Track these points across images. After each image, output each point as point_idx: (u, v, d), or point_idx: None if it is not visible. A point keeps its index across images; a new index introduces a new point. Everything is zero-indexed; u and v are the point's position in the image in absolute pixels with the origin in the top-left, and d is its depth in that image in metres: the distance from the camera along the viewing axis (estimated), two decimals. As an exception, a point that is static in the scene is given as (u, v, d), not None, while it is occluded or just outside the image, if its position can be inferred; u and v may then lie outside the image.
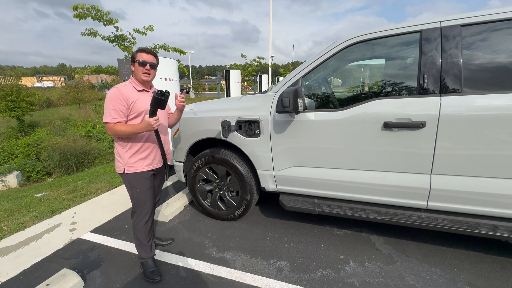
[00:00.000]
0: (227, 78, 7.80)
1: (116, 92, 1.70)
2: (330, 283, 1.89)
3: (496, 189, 1.76)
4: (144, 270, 1.97)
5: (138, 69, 1.77)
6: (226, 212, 2.67)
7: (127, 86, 1.76)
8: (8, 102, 10.16)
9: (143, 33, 5.00)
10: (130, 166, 1.81)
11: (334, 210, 2.19)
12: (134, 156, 1.82)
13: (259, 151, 2.33)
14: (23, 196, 3.84)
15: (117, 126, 1.70)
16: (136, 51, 1.80)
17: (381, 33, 1.95)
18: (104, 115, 1.72)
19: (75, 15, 4.27)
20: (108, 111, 1.70)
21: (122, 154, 1.81)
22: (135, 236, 1.97)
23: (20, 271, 2.04)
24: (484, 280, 1.89)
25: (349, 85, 6.38)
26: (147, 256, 1.98)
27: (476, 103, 1.70)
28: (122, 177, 1.86)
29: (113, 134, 1.74)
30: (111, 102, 1.69)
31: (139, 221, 1.92)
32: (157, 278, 1.92)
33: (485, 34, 1.72)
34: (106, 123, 1.71)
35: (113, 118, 1.70)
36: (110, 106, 1.69)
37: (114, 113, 1.70)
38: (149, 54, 1.79)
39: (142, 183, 1.86)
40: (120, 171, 1.84)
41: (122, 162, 1.82)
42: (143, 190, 1.87)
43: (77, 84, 21.95)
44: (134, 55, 1.79)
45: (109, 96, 1.70)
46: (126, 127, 1.71)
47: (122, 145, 1.81)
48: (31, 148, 7.12)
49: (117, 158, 1.85)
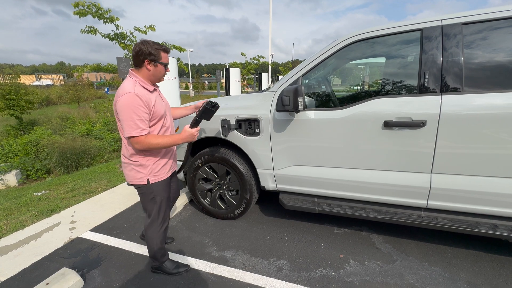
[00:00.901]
0: (227, 77, 7.78)
1: (135, 99, 1.45)
2: (330, 282, 1.89)
3: (497, 188, 1.76)
4: (168, 271, 1.93)
5: (161, 71, 1.60)
6: (226, 211, 2.67)
7: (140, 89, 1.52)
8: (7, 101, 10.13)
9: (144, 32, 4.98)
10: (155, 175, 1.66)
11: (334, 209, 2.19)
12: (157, 163, 1.66)
13: (259, 150, 2.32)
14: (22, 195, 3.84)
15: (150, 138, 1.51)
16: (157, 49, 1.54)
17: (382, 31, 1.94)
18: (127, 127, 1.47)
19: (76, 12, 4.25)
20: (133, 122, 1.46)
21: (145, 162, 1.62)
22: (152, 244, 1.84)
23: (19, 270, 2.04)
24: (483, 279, 1.89)
25: (350, 83, 6.37)
26: (165, 258, 1.95)
27: (477, 102, 1.70)
28: (142, 189, 1.68)
29: (145, 147, 1.53)
30: (133, 111, 1.45)
31: (159, 229, 1.82)
32: (187, 268, 1.97)
33: (486, 32, 1.71)
34: (135, 137, 1.49)
35: (142, 130, 1.48)
36: (134, 116, 1.45)
37: (141, 124, 1.47)
38: (168, 54, 1.64)
39: (166, 191, 1.76)
40: (143, 183, 1.64)
41: (144, 172, 1.63)
42: (166, 197, 1.77)
43: (76, 83, 21.88)
44: (156, 55, 1.54)
45: (128, 104, 1.45)
46: (162, 139, 1.54)
47: (143, 155, 1.62)
48: (30, 147, 7.11)
49: (136, 168, 1.63)
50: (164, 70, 1.62)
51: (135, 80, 1.55)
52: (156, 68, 1.57)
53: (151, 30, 5.06)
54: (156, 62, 1.56)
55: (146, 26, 4.98)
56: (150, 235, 1.83)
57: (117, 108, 1.49)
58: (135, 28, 4.91)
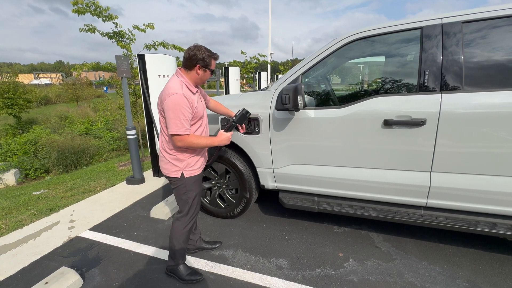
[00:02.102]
0: (226, 76, 7.75)
1: (183, 99, 1.55)
2: (330, 280, 1.89)
3: (496, 187, 1.76)
4: (181, 277, 1.88)
5: (207, 76, 1.69)
6: (226, 210, 2.67)
7: (186, 91, 1.61)
8: (5, 100, 10.10)
9: (143, 30, 4.95)
10: (191, 170, 1.75)
11: (334, 207, 2.19)
12: (192, 158, 1.75)
13: (259, 149, 2.32)
14: (21, 194, 3.83)
15: (192, 138, 1.61)
16: (209, 56, 1.63)
17: (381, 30, 1.94)
18: (173, 125, 1.56)
19: (74, 10, 4.22)
20: (179, 121, 1.55)
21: (182, 157, 1.71)
22: (174, 242, 1.86)
23: (18, 269, 2.03)
24: (482, 277, 1.90)
25: (349, 82, 6.37)
26: (182, 260, 1.93)
27: (476, 100, 1.70)
28: (177, 182, 1.76)
29: (187, 145, 1.63)
30: (180, 110, 1.54)
31: (185, 226, 1.85)
32: (200, 277, 1.90)
33: (486, 31, 1.71)
34: (179, 135, 1.58)
35: (186, 129, 1.58)
36: (181, 116, 1.55)
37: (186, 123, 1.57)
38: (216, 61, 1.73)
39: (198, 185, 1.84)
40: (177, 175, 1.73)
41: (180, 166, 1.72)
42: (198, 192, 1.85)
43: (75, 81, 21.83)
44: (208, 62, 1.63)
45: (176, 104, 1.54)
46: (202, 140, 1.65)
47: (181, 150, 1.70)
48: (29, 146, 7.10)
49: (172, 162, 1.72)
50: (210, 75, 1.72)
51: (182, 81, 1.64)
52: (204, 73, 1.67)
53: (150, 28, 5.03)
54: (206, 68, 1.65)
55: (145, 24, 4.96)
56: (176, 230, 1.87)
57: (165, 106, 1.57)
58: (134, 27, 4.88)
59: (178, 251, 1.88)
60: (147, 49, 5.14)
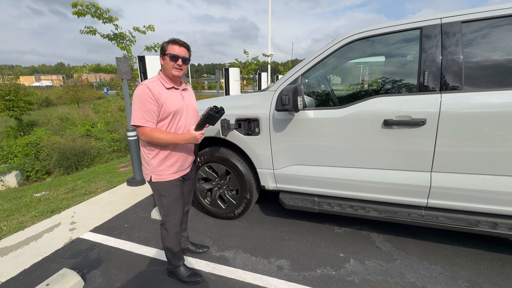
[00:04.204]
0: (226, 77, 7.76)
1: (145, 90, 1.52)
2: (331, 281, 1.89)
3: (496, 187, 1.76)
4: (180, 278, 1.89)
5: (168, 63, 1.58)
6: (226, 210, 2.67)
7: (155, 83, 1.58)
8: (7, 102, 10.14)
9: (143, 32, 4.97)
10: (158, 174, 1.67)
11: (334, 208, 2.19)
12: (161, 163, 1.66)
13: (259, 150, 2.32)
14: (22, 196, 3.84)
15: (155, 132, 1.55)
16: (166, 42, 1.59)
17: (381, 30, 1.94)
18: (132, 116, 1.55)
19: (74, 12, 4.23)
20: (138, 112, 1.52)
21: (149, 160, 1.66)
22: (165, 247, 1.86)
23: (20, 271, 2.04)
24: (484, 277, 1.89)
25: (349, 82, 6.37)
26: (180, 262, 1.92)
27: (476, 100, 1.69)
28: (150, 185, 1.74)
29: (149, 140, 1.57)
30: (140, 101, 1.52)
31: (169, 232, 1.80)
32: (199, 279, 1.89)
33: (486, 30, 1.70)
34: (138, 126, 1.55)
35: (146, 121, 1.53)
36: (141, 107, 1.52)
37: (146, 115, 1.52)
38: (181, 47, 1.59)
39: (171, 192, 1.73)
40: (147, 179, 1.71)
41: (149, 169, 1.68)
42: (173, 199, 1.74)
43: (75, 83, 21.89)
44: (165, 47, 1.58)
45: (137, 95, 1.53)
46: (166, 135, 1.57)
47: (149, 151, 1.65)
48: (30, 148, 7.12)
49: (144, 164, 1.71)
50: (172, 62, 1.58)
51: (157, 77, 1.65)
52: (165, 61, 1.60)
53: (150, 30, 5.06)
54: (164, 55, 1.60)
55: (145, 26, 4.98)
56: (162, 236, 1.85)
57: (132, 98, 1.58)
58: (134, 28, 4.90)
59: (173, 255, 1.88)
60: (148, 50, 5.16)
